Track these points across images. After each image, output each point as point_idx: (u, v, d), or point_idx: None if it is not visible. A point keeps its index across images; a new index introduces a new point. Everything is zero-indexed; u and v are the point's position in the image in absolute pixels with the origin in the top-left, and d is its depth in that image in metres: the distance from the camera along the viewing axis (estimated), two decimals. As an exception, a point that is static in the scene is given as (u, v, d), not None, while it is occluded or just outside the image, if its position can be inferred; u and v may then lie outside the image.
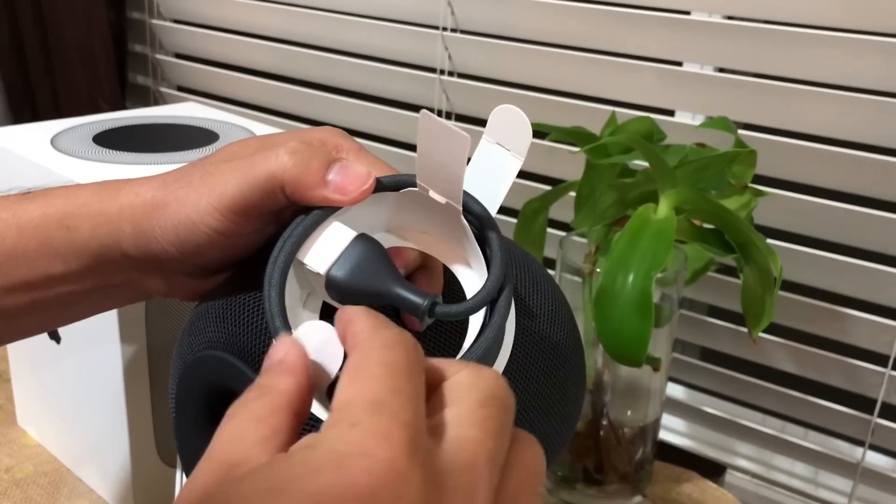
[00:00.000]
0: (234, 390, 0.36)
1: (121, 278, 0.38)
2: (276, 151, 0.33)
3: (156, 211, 0.35)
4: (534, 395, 0.37)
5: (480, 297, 0.31)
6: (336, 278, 0.32)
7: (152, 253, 0.36)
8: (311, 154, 0.33)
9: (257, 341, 0.35)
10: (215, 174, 0.35)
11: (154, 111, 0.71)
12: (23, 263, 0.37)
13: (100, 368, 0.58)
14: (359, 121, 1.02)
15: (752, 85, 0.75)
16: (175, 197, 0.35)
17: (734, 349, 0.82)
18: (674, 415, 0.89)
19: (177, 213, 0.35)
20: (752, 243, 0.54)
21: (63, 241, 0.37)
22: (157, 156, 0.59)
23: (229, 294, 0.37)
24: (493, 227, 0.33)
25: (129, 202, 0.36)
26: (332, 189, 0.33)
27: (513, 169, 0.33)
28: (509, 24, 0.88)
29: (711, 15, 0.80)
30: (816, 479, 0.85)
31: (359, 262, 0.32)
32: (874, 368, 0.74)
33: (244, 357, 0.35)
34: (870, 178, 0.72)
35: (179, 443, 0.40)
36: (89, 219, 0.36)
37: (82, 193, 0.37)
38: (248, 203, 0.34)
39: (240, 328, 0.36)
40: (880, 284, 0.73)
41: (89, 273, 0.38)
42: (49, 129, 0.63)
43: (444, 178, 0.31)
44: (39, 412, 0.68)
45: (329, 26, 1.02)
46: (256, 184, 0.33)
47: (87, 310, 0.41)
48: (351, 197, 0.33)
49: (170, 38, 1.20)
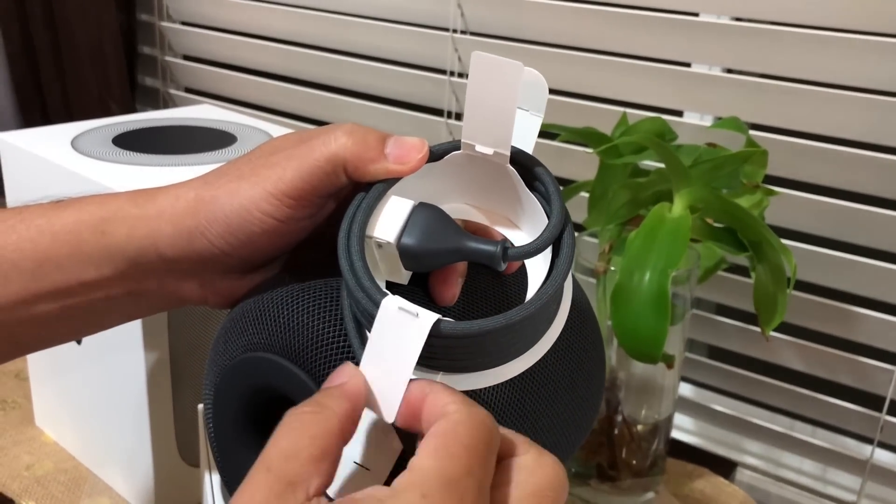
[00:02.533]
0: (277, 390, 0.37)
1: (154, 283, 0.39)
2: (334, 134, 0.35)
3: (202, 206, 0.36)
4: (568, 370, 0.38)
5: (547, 235, 0.33)
6: (408, 245, 0.33)
7: (195, 250, 0.36)
8: (366, 131, 0.35)
9: (298, 337, 0.36)
10: (267, 165, 0.36)
11: (170, 113, 0.72)
12: (55, 269, 0.38)
13: (122, 372, 0.59)
14: (369, 122, 1.02)
15: (760, 85, 0.76)
16: (226, 190, 0.36)
17: (743, 347, 0.83)
18: (684, 413, 0.90)
19: (229, 203, 0.36)
20: (766, 241, 0.55)
21: (97, 246, 0.37)
22: (178, 157, 0.60)
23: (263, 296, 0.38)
24: (543, 167, 0.35)
25: (170, 204, 0.37)
26: (392, 160, 0.35)
27: (535, 127, 0.35)
28: (519, 26, 0.89)
29: (720, 16, 0.81)
30: (825, 476, 0.85)
31: (425, 226, 0.33)
32: (883, 366, 0.75)
33: (286, 354, 0.36)
34: (878, 178, 0.72)
35: (218, 446, 0.40)
36: (125, 222, 0.37)
37: (117, 200, 0.38)
38: (309, 186, 0.35)
39: (280, 326, 0.36)
40: (888, 283, 0.73)
41: (122, 279, 0.38)
42: (68, 131, 0.64)
43: (494, 121, 0.32)
44: (58, 412, 0.69)
45: (339, 28, 1.02)
46: (317, 166, 0.35)
47: (118, 318, 0.42)
48: (410, 165, 0.34)
49: (179, 40, 1.21)
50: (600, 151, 0.63)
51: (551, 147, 0.87)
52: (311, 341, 0.35)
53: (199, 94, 1.21)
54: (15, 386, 0.76)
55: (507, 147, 0.33)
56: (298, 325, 0.35)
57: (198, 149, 0.62)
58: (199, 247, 0.36)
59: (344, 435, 0.28)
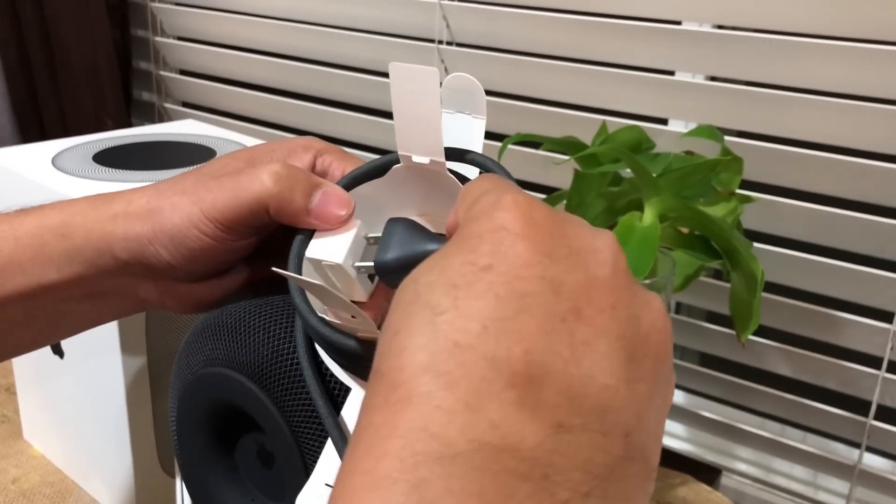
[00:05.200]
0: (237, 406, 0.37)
1: (112, 284, 0.39)
2: (260, 175, 0.35)
3: (151, 215, 0.37)
4: None
5: None
6: (386, 262, 0.33)
7: (145, 257, 0.37)
8: (294, 179, 0.35)
9: (254, 353, 0.36)
10: (207, 187, 0.36)
11: (154, 129, 0.72)
12: (18, 273, 0.39)
13: (102, 381, 0.59)
14: (358, 133, 1.03)
15: (742, 93, 0.76)
16: (170, 203, 0.37)
17: (731, 353, 0.83)
18: (673, 419, 0.90)
19: (170, 218, 0.37)
20: (736, 249, 0.55)
21: (57, 248, 0.38)
22: (155, 173, 0.61)
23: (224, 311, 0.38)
24: (475, 154, 0.34)
25: (123, 209, 0.38)
26: (314, 216, 0.35)
27: (479, 129, 0.35)
28: (504, 37, 0.89)
29: (702, 24, 0.81)
30: (814, 482, 0.85)
31: (398, 239, 0.33)
32: (868, 371, 0.75)
33: (243, 370, 0.36)
34: (863, 183, 0.73)
35: (182, 458, 0.41)
36: (84, 225, 0.38)
37: (78, 204, 0.39)
38: (238, 218, 0.36)
39: (237, 342, 0.37)
40: (873, 288, 0.73)
41: (81, 281, 0.39)
42: (52, 148, 0.65)
43: (423, 131, 0.32)
44: (44, 425, 0.69)
45: (329, 40, 1.03)
46: (244, 203, 0.35)
47: (81, 321, 0.42)
48: (330, 226, 0.35)
49: (173, 55, 1.22)
50: (576, 160, 0.64)
51: (536, 156, 0.88)
52: (267, 358, 0.35)
53: (194, 108, 1.22)
54: (5, 399, 0.77)
55: (440, 154, 0.32)
56: (254, 341, 0.36)
57: (176, 164, 0.62)
58: (149, 254, 0.37)
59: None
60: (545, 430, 0.22)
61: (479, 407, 0.21)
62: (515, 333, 0.22)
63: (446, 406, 0.21)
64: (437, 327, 0.23)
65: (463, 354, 0.22)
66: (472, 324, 0.22)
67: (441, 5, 0.91)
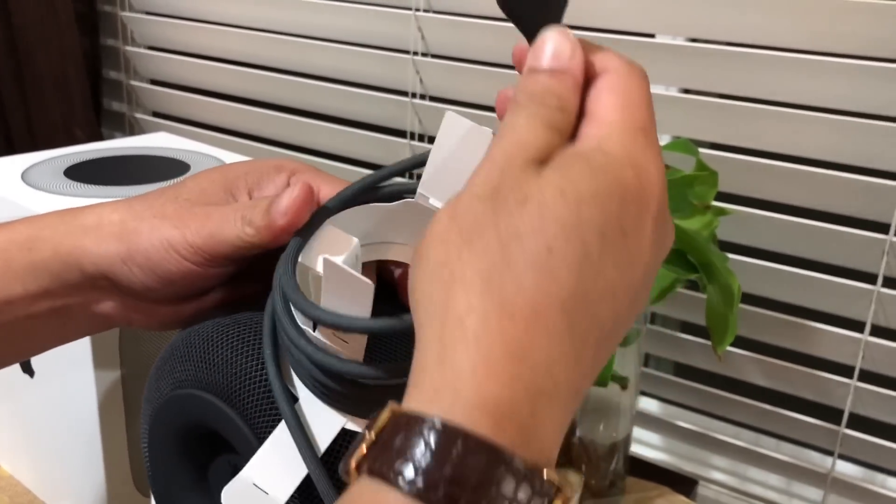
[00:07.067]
0: (209, 426, 0.37)
1: (77, 300, 0.39)
2: (238, 222, 0.36)
3: (126, 235, 0.37)
4: None
5: None
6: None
7: (115, 274, 0.37)
8: (269, 224, 0.36)
9: (222, 373, 0.36)
10: (191, 214, 0.36)
11: (126, 142, 0.71)
12: None
13: (74, 399, 0.58)
14: (332, 144, 1.03)
15: (716, 105, 0.77)
16: (150, 224, 0.37)
17: (706, 364, 0.83)
18: (648, 429, 0.90)
19: (148, 240, 0.36)
20: (713, 263, 0.55)
21: (23, 262, 0.38)
22: (129, 188, 0.60)
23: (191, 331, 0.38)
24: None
25: (94, 223, 0.37)
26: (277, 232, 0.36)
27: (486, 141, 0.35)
28: (479, 48, 0.89)
29: (675, 38, 0.82)
30: (789, 490, 0.86)
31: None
32: (841, 380, 0.76)
33: (213, 390, 0.36)
34: (835, 195, 0.73)
35: (155, 487, 0.40)
36: (52, 239, 0.38)
37: (46, 218, 0.39)
38: (221, 248, 0.36)
39: (205, 363, 0.36)
40: (844, 298, 0.74)
41: (46, 295, 0.38)
42: (21, 162, 0.64)
43: (454, 182, 0.31)
44: (13, 445, 0.68)
45: (302, 51, 1.03)
46: (227, 240, 0.36)
47: (48, 339, 0.42)
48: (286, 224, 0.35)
49: (144, 65, 1.21)
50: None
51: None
52: (235, 376, 0.35)
53: (166, 118, 1.21)
54: (-26, 418, 0.76)
55: None
56: (222, 360, 0.36)
57: (149, 179, 0.62)
58: (120, 273, 0.37)
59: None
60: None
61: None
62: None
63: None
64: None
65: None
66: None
67: (416, 16, 0.91)
